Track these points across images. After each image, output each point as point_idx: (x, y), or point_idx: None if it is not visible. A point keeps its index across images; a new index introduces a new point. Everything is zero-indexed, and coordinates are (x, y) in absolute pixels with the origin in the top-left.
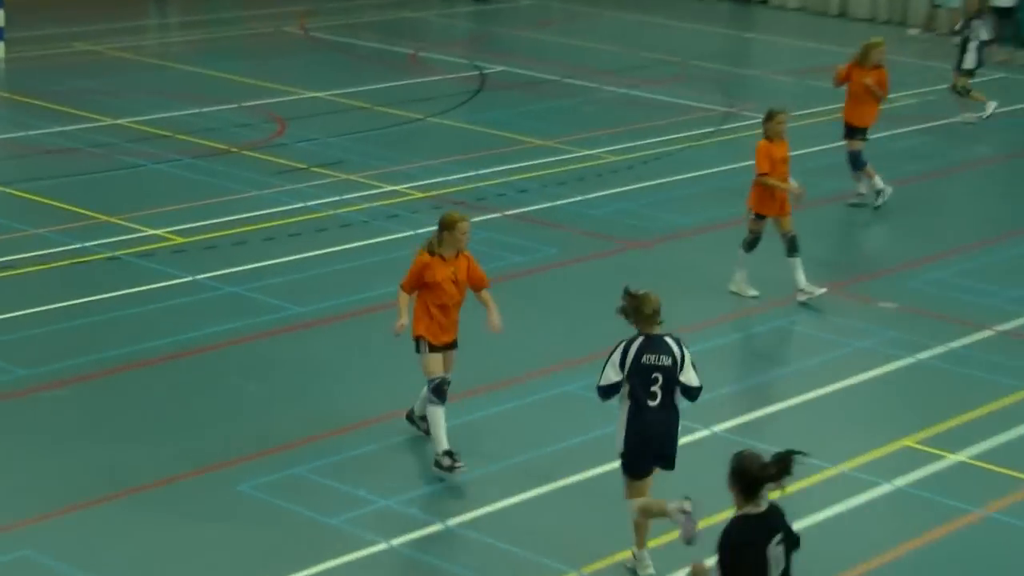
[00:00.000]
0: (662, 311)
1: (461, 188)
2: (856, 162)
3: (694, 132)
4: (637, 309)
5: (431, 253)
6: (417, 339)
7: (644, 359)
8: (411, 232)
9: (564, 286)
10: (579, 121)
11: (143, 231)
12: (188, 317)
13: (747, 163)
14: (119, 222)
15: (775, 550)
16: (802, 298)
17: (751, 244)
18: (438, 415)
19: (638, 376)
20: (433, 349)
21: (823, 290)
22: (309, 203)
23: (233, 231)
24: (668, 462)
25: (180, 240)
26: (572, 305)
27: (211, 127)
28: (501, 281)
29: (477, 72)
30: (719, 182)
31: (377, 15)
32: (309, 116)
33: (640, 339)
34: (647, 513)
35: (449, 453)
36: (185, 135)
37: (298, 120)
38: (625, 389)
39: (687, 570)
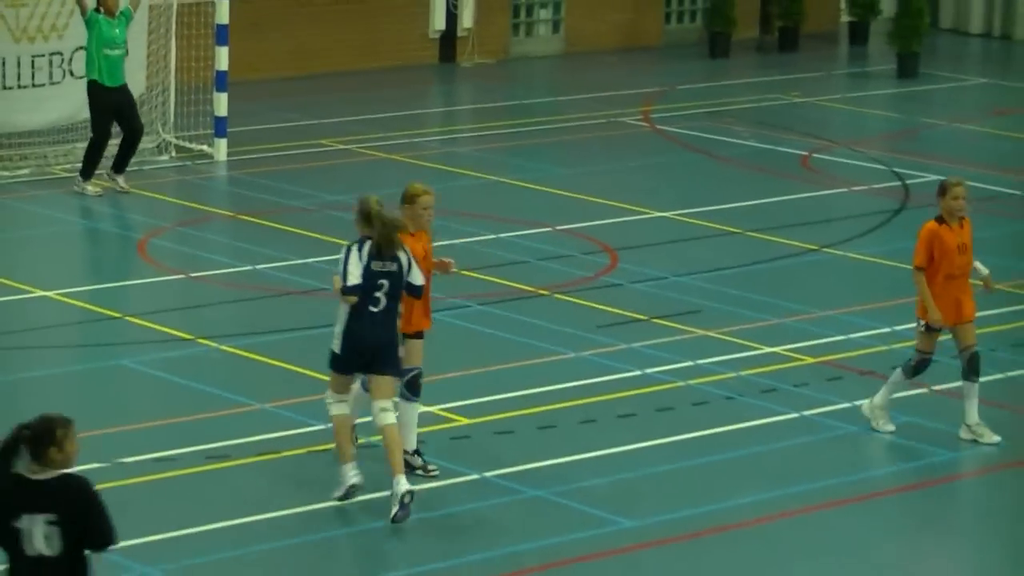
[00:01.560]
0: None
1: (872, 350)
2: None
3: None
4: (360, 212)
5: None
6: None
7: (373, 265)
8: (795, 414)
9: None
10: None
11: None
12: (467, 535)
13: None
14: None
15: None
16: (967, 436)
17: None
18: (414, 413)
19: (367, 281)
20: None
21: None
22: (648, 371)
23: (538, 409)
24: (383, 367)
25: (462, 421)
26: None
27: (512, 259)
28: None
29: (898, 182)
30: None
31: (752, 98)
32: (652, 245)
33: (368, 244)
34: (338, 434)
35: (419, 453)
36: (475, 270)
37: (636, 250)
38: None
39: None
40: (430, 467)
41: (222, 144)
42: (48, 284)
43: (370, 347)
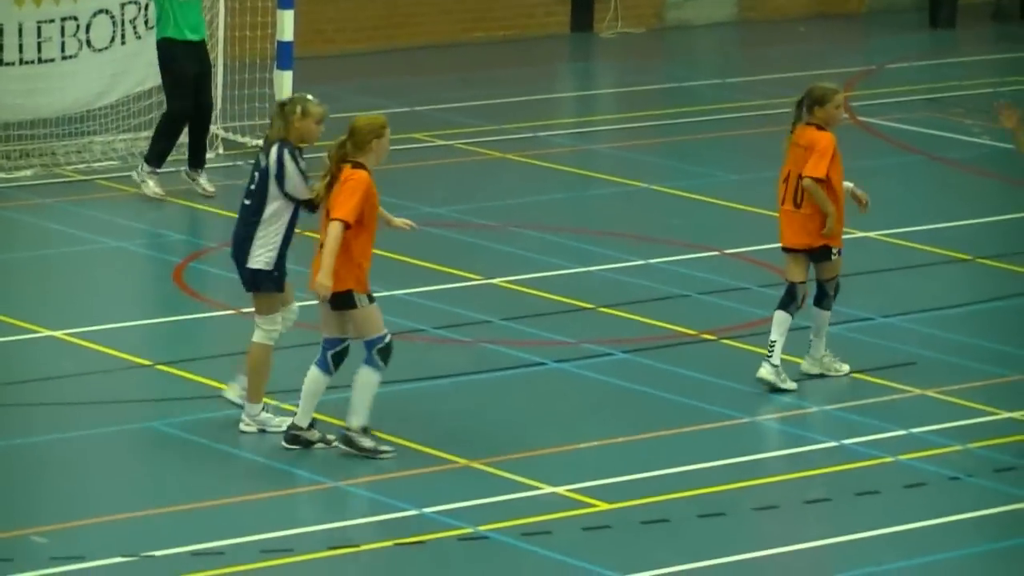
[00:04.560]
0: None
1: None
2: None
3: None
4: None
5: (359, 165)
6: (349, 293)
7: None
8: None
9: None
10: None
11: (533, 488)
12: None
13: None
14: (489, 470)
15: None
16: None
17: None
18: (377, 383)
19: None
20: (372, 299)
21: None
22: (847, 441)
23: (700, 491)
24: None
25: (601, 506)
26: None
27: (667, 292)
28: None
29: None
30: None
31: (988, 81)
32: (853, 275)
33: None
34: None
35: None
36: (618, 307)
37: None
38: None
39: None
40: (329, 436)
41: None
42: (57, 322)
43: None
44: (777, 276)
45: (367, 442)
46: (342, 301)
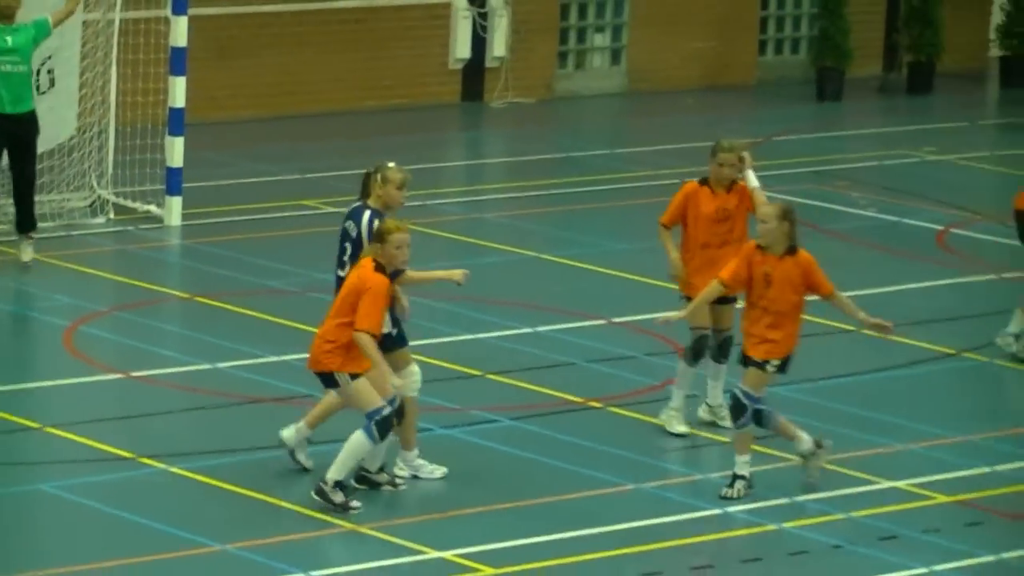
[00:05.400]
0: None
1: None
2: None
3: None
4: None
5: (381, 270)
6: (331, 374)
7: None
8: (923, 568)
9: None
10: None
11: (420, 552)
12: None
13: None
14: (374, 533)
15: None
16: (707, 416)
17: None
18: (365, 450)
19: None
20: (354, 376)
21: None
22: (731, 509)
23: (584, 557)
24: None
25: (486, 571)
26: None
27: (554, 359)
28: None
29: None
30: None
31: (873, 154)
32: (739, 344)
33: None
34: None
35: (341, 486)
36: (505, 374)
37: None
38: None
39: None
40: (397, 480)
41: (175, 204)
42: None
43: None
44: (663, 344)
45: (338, 497)
46: (327, 380)
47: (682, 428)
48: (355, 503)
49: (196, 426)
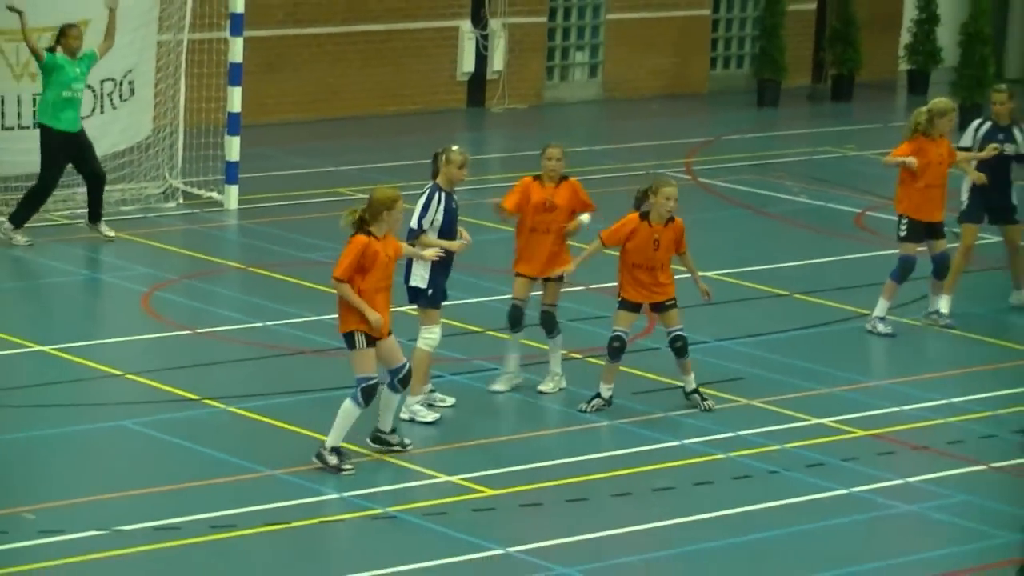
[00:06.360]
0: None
1: (927, 424)
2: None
3: None
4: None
5: (367, 233)
6: (351, 334)
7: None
8: (843, 490)
9: None
10: None
11: (432, 476)
12: None
13: None
14: (397, 462)
15: None
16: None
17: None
18: (354, 415)
19: None
20: (371, 343)
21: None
22: (687, 441)
23: (568, 481)
24: None
25: (486, 492)
26: None
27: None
28: None
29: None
30: None
31: (803, 150)
32: (693, 306)
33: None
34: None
35: (337, 451)
36: (501, 331)
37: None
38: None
39: None
40: (406, 441)
41: (233, 191)
42: (44, 339)
43: None
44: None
45: (332, 459)
46: (346, 340)
47: (501, 388)
48: (348, 466)
49: (250, 373)
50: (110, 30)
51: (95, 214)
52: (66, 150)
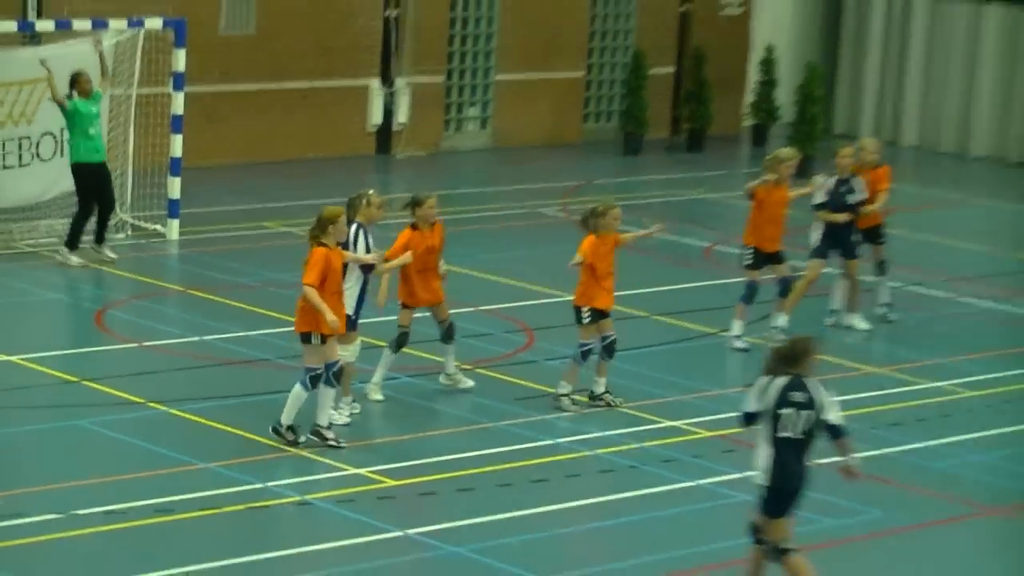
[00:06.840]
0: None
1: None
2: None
3: None
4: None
5: (322, 245)
6: (309, 333)
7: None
8: (692, 482)
9: (891, 561)
10: (926, 343)
11: (343, 469)
12: None
13: None
14: (313, 457)
15: None
16: (446, 382)
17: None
18: (303, 397)
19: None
20: (322, 341)
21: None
22: (559, 440)
23: (458, 473)
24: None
25: (389, 482)
26: None
27: (439, 335)
28: (805, 550)
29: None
30: None
31: (661, 192)
32: (566, 325)
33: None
34: None
35: (292, 428)
36: (411, 348)
37: (551, 330)
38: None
39: None
40: (342, 440)
41: (174, 224)
42: (13, 349)
43: None
44: (515, 325)
45: (289, 435)
46: (302, 337)
47: (378, 397)
48: (301, 439)
49: (189, 380)
50: (104, 69)
51: (100, 237)
52: (93, 178)
